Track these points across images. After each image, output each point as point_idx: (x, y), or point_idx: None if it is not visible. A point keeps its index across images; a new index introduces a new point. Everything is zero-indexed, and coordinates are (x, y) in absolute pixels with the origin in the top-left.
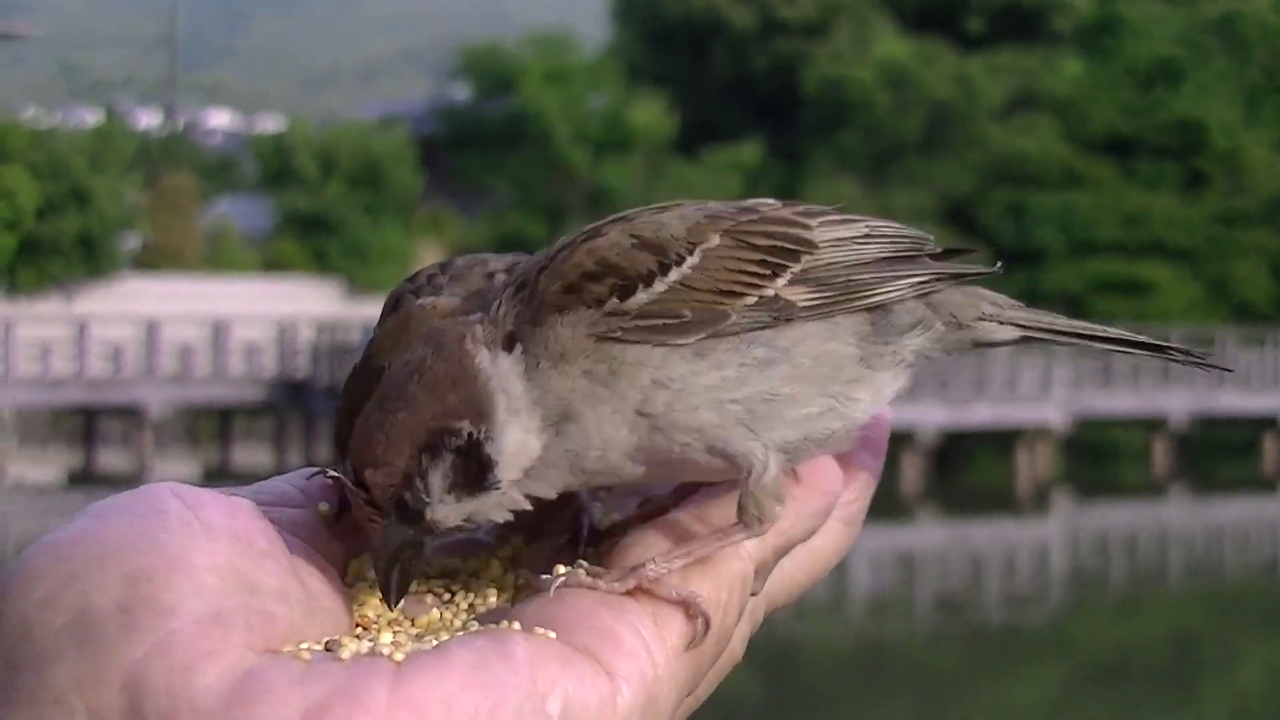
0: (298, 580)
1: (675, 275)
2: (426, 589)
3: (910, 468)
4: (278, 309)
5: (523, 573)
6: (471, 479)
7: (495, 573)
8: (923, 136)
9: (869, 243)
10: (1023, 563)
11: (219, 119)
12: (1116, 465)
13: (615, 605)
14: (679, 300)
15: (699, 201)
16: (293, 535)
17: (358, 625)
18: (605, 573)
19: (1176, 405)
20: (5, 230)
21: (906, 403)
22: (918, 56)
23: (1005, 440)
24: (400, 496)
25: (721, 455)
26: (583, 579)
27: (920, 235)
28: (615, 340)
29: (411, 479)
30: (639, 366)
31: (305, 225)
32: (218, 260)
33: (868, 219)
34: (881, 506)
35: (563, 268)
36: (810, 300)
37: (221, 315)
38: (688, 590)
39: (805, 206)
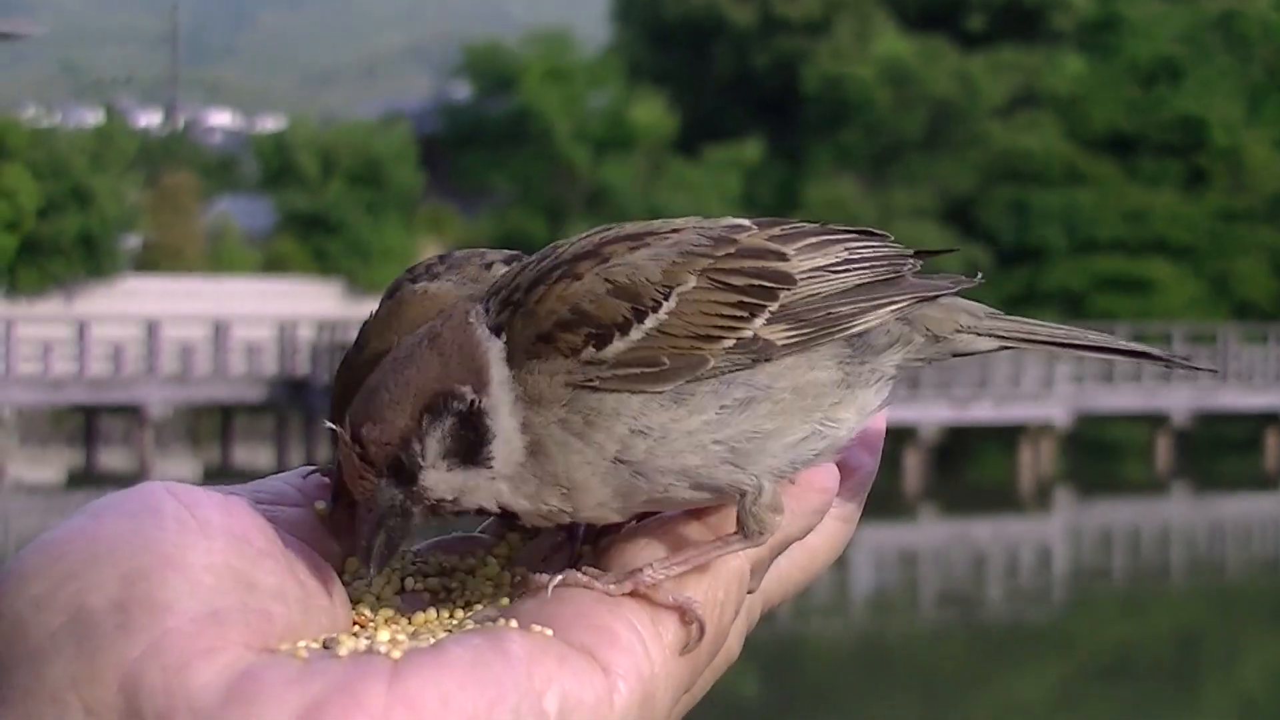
0: (295, 579)
1: (651, 322)
2: (423, 587)
3: (913, 465)
4: (278, 308)
5: (520, 571)
6: (467, 449)
7: (492, 571)
8: (924, 134)
9: (848, 270)
10: (1025, 560)
11: (219, 118)
12: (1119, 462)
13: (612, 603)
14: (656, 348)
15: (676, 228)
16: (290, 534)
17: (355, 623)
18: (602, 574)
19: (1179, 402)
20: (6, 230)
21: (909, 400)
22: (919, 54)
23: (1008, 437)
24: (397, 456)
25: (709, 490)
26: (579, 579)
27: (899, 252)
28: (592, 389)
29: (409, 439)
30: (616, 417)
31: (306, 224)
32: (218, 260)
33: (846, 240)
34: (884, 504)
35: (538, 311)
36: (789, 339)
37: (222, 315)
38: (683, 596)
39: (782, 228)
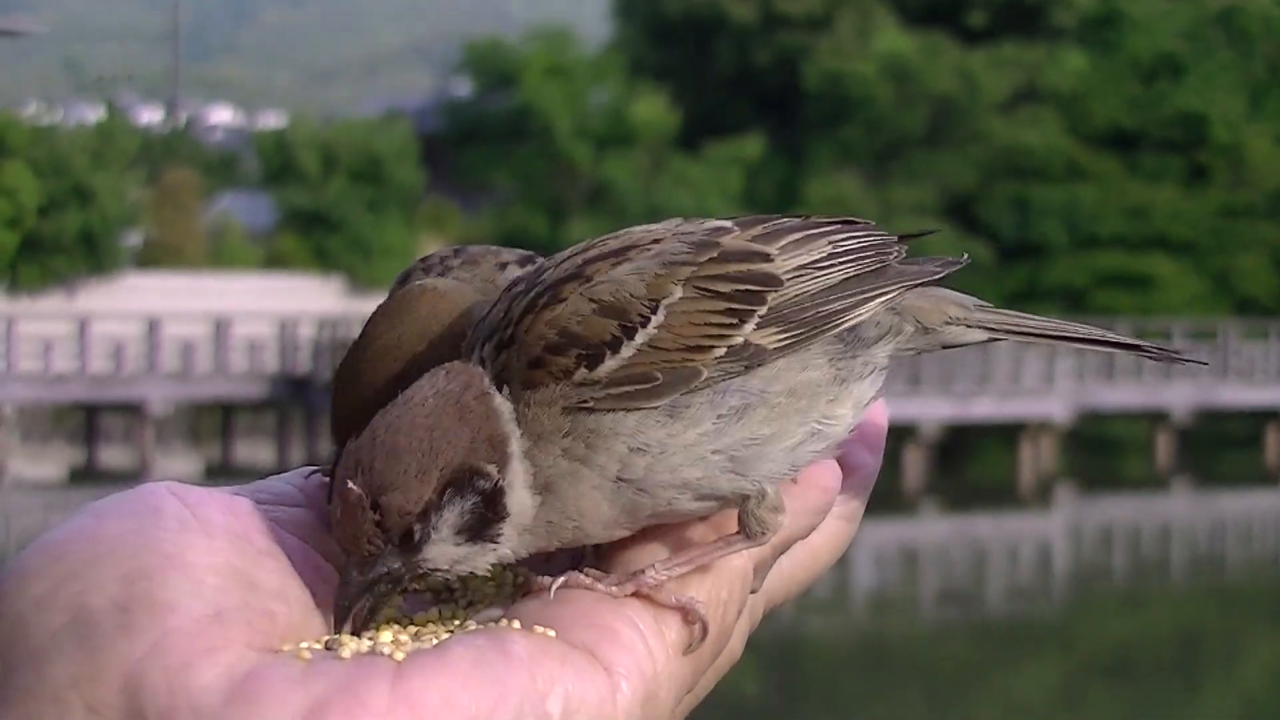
0: (297, 579)
1: (641, 338)
2: (425, 587)
3: (913, 461)
4: (279, 305)
5: (522, 571)
6: (481, 526)
7: (494, 571)
8: (925, 130)
9: (834, 265)
10: (1026, 556)
11: (221, 115)
12: (1120, 459)
13: (614, 603)
14: (648, 363)
15: (657, 237)
16: (291, 534)
17: None
18: (605, 575)
19: (1179, 399)
20: (7, 227)
21: (909, 396)
22: (920, 50)
23: (1008, 434)
24: (411, 527)
25: (713, 500)
26: (582, 580)
27: (883, 239)
28: (588, 411)
29: (429, 513)
30: (614, 436)
31: (307, 222)
32: (219, 257)
33: (830, 233)
34: (884, 500)
35: (527, 340)
36: (780, 341)
37: (223, 312)
38: (686, 597)
39: (764, 226)
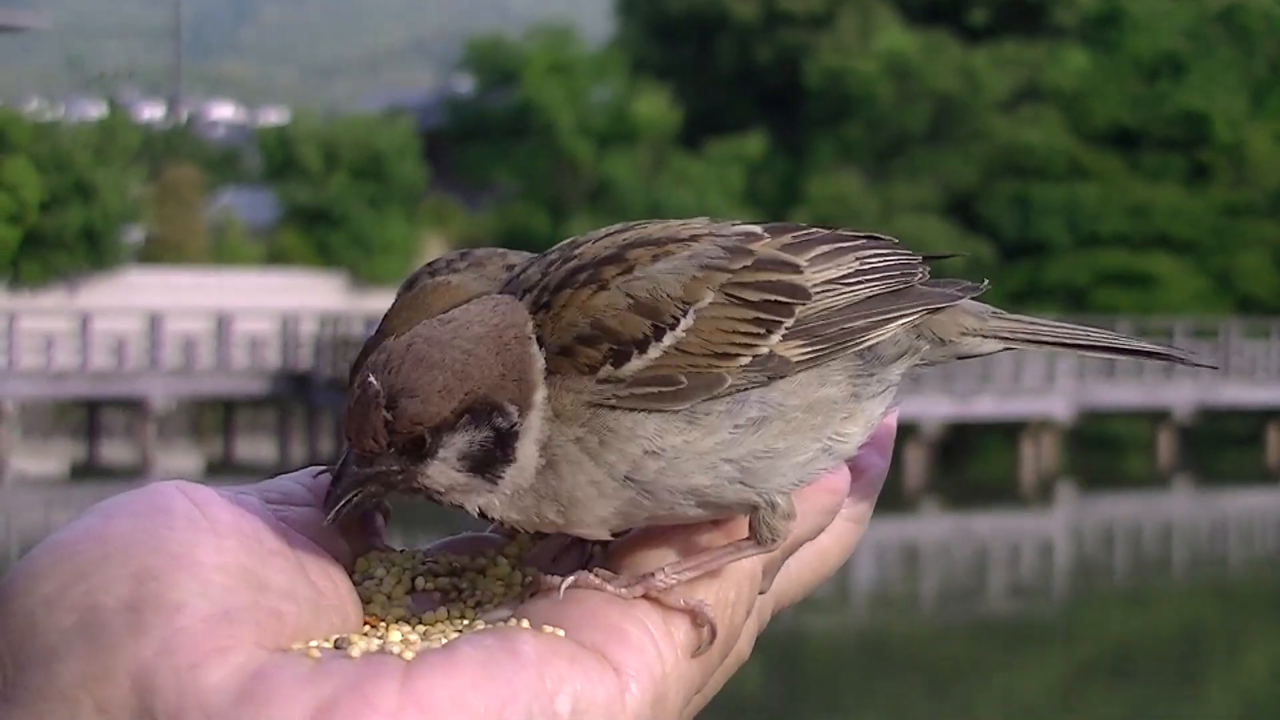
0: (306, 578)
1: (669, 340)
2: (434, 587)
3: (914, 460)
4: (281, 302)
5: (531, 571)
6: (485, 461)
7: (503, 571)
8: (927, 128)
9: (860, 282)
10: (1027, 555)
11: (222, 111)
12: (1121, 457)
13: (623, 604)
14: (674, 366)
15: (694, 234)
16: (300, 533)
17: (366, 623)
18: (614, 576)
19: (1181, 397)
20: (9, 223)
21: (911, 395)
22: (922, 48)
23: (1010, 432)
24: (421, 438)
25: (715, 508)
26: (592, 580)
27: (908, 259)
28: (610, 408)
29: (442, 430)
30: (631, 438)
31: (309, 218)
32: (221, 253)
33: (857, 248)
34: (885, 498)
35: (559, 321)
36: (804, 355)
37: (225, 308)
38: (695, 600)
39: (794, 235)
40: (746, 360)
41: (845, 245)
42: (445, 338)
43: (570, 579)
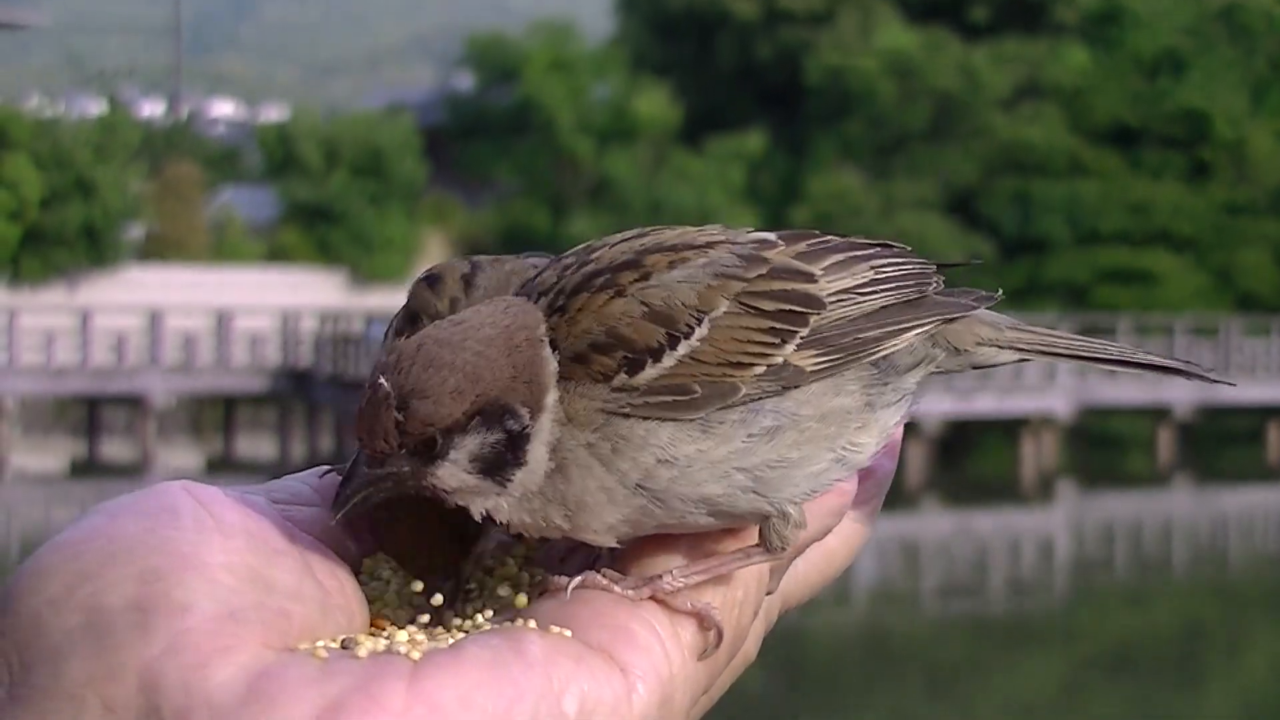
0: (313, 578)
1: (684, 349)
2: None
3: (915, 457)
4: (281, 299)
5: (538, 571)
6: (495, 463)
7: (510, 571)
8: (927, 126)
9: (875, 291)
10: (1027, 552)
11: (223, 109)
12: (1121, 454)
13: (630, 604)
14: (688, 375)
15: (711, 240)
16: (307, 533)
17: (372, 623)
18: (622, 578)
19: (1181, 394)
20: (9, 220)
21: None
22: (923, 46)
23: (1010, 429)
24: (432, 439)
25: (727, 517)
26: (599, 581)
27: (922, 269)
28: (624, 416)
29: (453, 431)
30: (644, 446)
31: (309, 215)
32: (221, 250)
33: (872, 256)
34: (886, 496)
35: (574, 328)
36: (818, 364)
37: (225, 305)
38: (702, 603)
39: (809, 243)
40: (761, 369)
41: (859, 254)
42: (456, 339)
43: (578, 579)
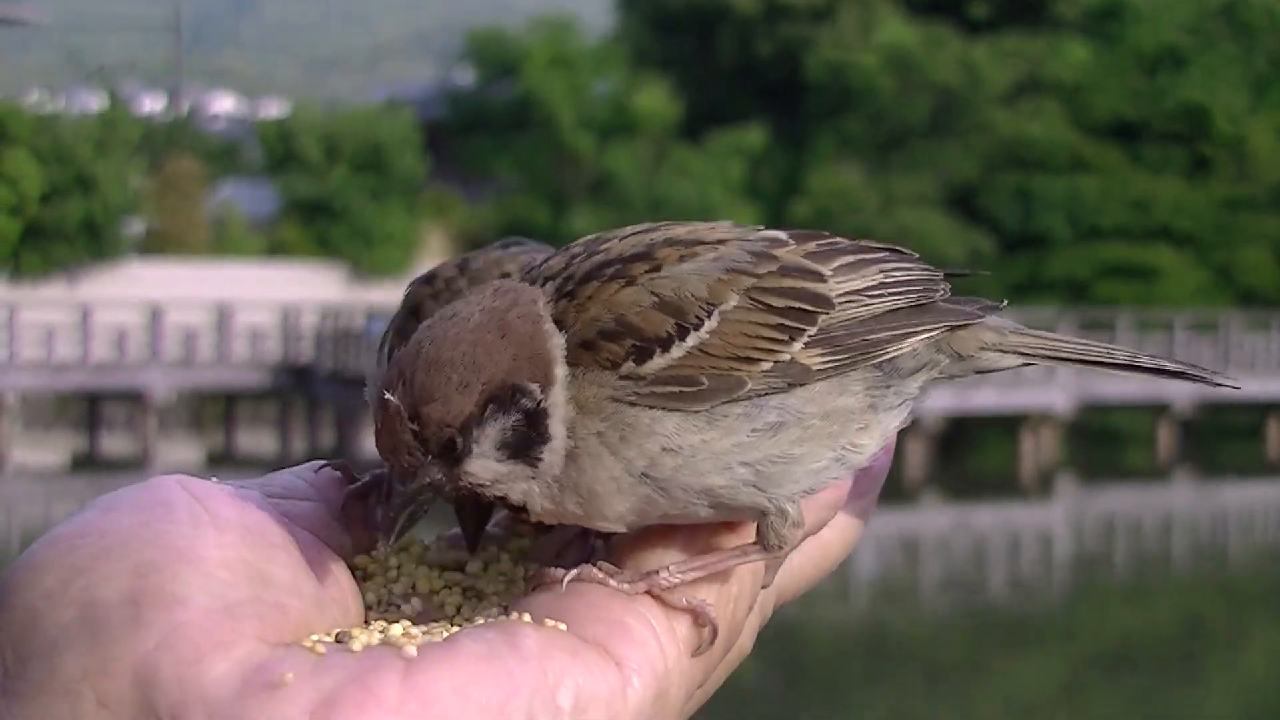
0: (308, 573)
1: (693, 340)
2: (436, 581)
3: (915, 452)
4: (282, 294)
5: (533, 566)
6: (522, 445)
7: (505, 566)
8: (928, 122)
9: (883, 294)
10: (1027, 547)
11: (223, 104)
12: (1121, 450)
13: (626, 598)
14: (696, 367)
15: (721, 238)
16: (302, 528)
17: (368, 618)
18: (618, 572)
19: (1181, 390)
20: (9, 215)
21: None
22: (923, 41)
23: (1010, 425)
24: (452, 439)
25: (728, 510)
26: (595, 574)
27: (930, 275)
28: (630, 405)
29: (470, 425)
30: (650, 435)
31: (309, 210)
32: (222, 245)
33: (881, 260)
34: (885, 490)
35: (584, 314)
36: (824, 364)
37: (225, 300)
38: (697, 599)
39: (819, 244)
40: (768, 365)
41: (869, 257)
42: (450, 334)
43: (573, 572)
